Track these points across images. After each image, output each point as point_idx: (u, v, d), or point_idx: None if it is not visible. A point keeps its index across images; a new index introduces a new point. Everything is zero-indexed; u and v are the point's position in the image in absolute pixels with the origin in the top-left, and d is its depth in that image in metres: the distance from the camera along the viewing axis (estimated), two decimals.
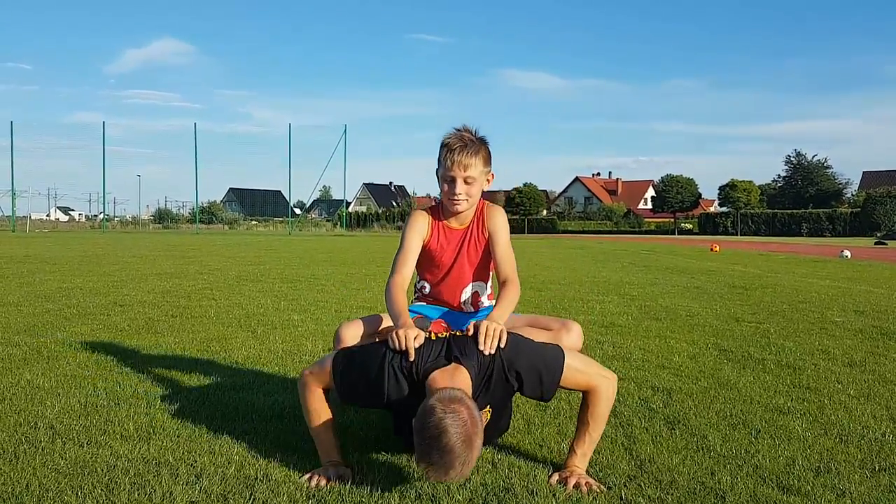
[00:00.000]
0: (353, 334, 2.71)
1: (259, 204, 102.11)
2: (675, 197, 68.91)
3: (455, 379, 2.23)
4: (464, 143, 2.67)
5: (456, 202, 2.72)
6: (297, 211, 73.34)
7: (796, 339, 5.15)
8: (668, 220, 74.29)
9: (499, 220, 2.82)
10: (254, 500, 2.13)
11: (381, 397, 2.34)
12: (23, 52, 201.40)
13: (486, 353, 2.30)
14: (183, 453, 2.53)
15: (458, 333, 2.41)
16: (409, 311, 2.72)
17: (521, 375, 2.34)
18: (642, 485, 2.31)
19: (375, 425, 2.92)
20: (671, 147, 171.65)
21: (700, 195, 71.45)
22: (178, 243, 24.22)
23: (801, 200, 72.30)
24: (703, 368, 4.11)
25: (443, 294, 2.89)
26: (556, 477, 2.36)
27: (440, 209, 2.85)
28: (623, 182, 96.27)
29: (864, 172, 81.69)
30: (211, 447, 2.60)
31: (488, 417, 2.48)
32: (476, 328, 2.35)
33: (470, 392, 2.24)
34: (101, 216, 59.31)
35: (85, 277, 9.46)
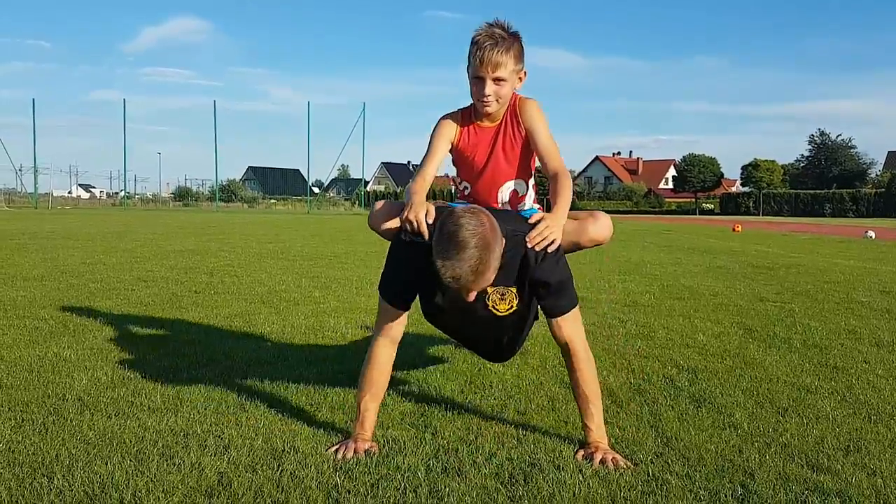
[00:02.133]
0: (388, 223, 2.66)
1: (278, 182, 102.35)
2: (697, 177, 68.33)
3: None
4: (494, 40, 2.50)
5: (486, 103, 2.58)
6: (316, 190, 73.49)
7: (822, 319, 5.09)
8: (689, 200, 73.71)
9: (535, 113, 2.66)
10: (282, 471, 2.14)
11: (408, 273, 2.41)
12: (42, 30, 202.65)
13: (531, 246, 2.31)
14: (210, 425, 2.54)
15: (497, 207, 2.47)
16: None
17: (548, 283, 2.38)
18: (669, 461, 2.30)
19: (401, 401, 2.93)
20: (693, 126, 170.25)
21: (722, 175, 70.83)
22: (198, 221, 24.38)
23: (825, 181, 71.44)
24: (727, 347, 4.08)
25: (480, 194, 2.76)
26: (581, 453, 2.35)
27: (471, 110, 2.72)
28: (644, 161, 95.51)
29: (888, 153, 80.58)
30: (238, 419, 2.61)
31: (514, 300, 2.47)
32: (534, 222, 2.36)
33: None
34: (123, 193, 59.79)
35: (108, 253, 9.54)
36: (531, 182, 2.83)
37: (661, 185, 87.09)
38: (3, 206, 41.56)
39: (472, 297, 2.24)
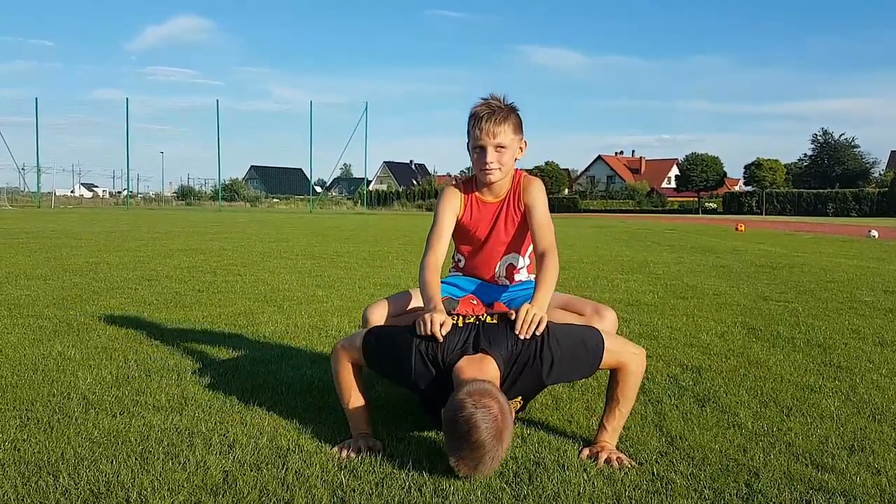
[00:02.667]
0: (380, 316, 2.69)
1: (280, 181, 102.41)
2: (700, 176, 68.24)
3: (483, 369, 2.22)
4: (492, 111, 2.58)
5: (488, 171, 2.62)
6: (318, 189, 73.49)
7: (826, 319, 5.09)
8: (692, 199, 73.64)
9: (536, 191, 2.72)
10: (287, 470, 2.14)
11: (408, 380, 2.35)
12: (44, 29, 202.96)
13: (522, 337, 2.28)
14: (215, 424, 2.55)
15: (489, 320, 2.38)
16: (443, 282, 2.70)
17: (553, 364, 2.30)
18: (674, 461, 2.30)
19: (404, 399, 2.93)
20: (695, 125, 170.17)
21: (725, 174, 70.71)
22: (201, 220, 24.40)
23: (828, 180, 71.40)
24: (731, 347, 4.08)
25: (477, 268, 2.84)
26: (586, 452, 2.35)
27: (473, 182, 2.77)
28: (646, 161, 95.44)
29: (892, 152, 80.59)
30: (243, 418, 2.62)
31: (518, 407, 2.48)
32: (516, 313, 2.32)
33: (498, 383, 2.23)
34: (125, 193, 59.79)
35: (111, 252, 9.55)
36: (528, 253, 2.86)
37: (664, 185, 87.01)
38: (6, 205, 41.62)
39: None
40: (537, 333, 2.30)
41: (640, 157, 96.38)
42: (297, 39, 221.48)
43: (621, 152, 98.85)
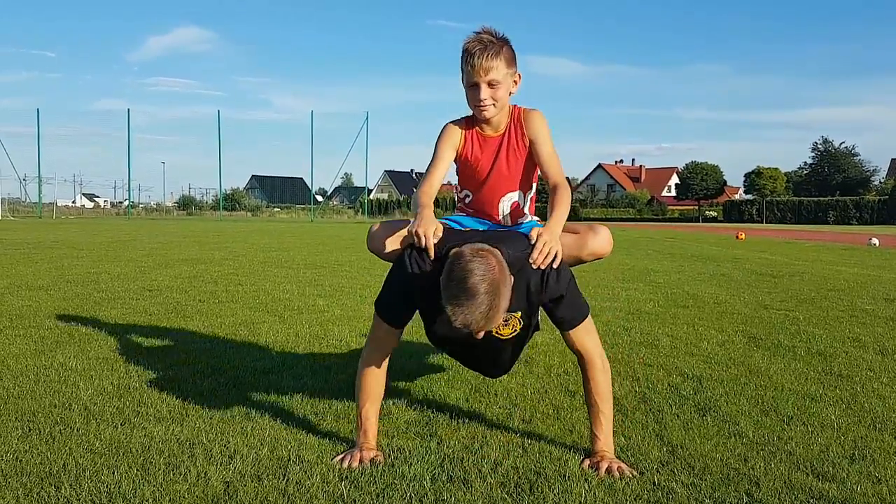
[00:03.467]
0: (382, 233, 2.68)
1: (281, 191, 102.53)
2: (700, 184, 68.35)
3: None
4: (483, 45, 2.51)
5: (482, 107, 2.57)
6: (319, 198, 73.55)
7: (826, 327, 5.09)
8: (692, 207, 73.70)
9: (539, 124, 2.66)
10: (287, 480, 2.15)
11: (410, 296, 2.40)
12: (46, 40, 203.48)
13: (535, 267, 2.30)
14: (216, 434, 2.55)
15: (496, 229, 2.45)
16: (448, 219, 2.69)
17: (557, 298, 2.38)
18: (675, 470, 2.30)
19: (406, 409, 2.93)
20: (695, 133, 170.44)
21: (725, 182, 70.82)
22: (202, 230, 24.42)
23: (828, 188, 71.45)
24: (732, 356, 4.08)
25: (481, 204, 2.76)
26: (587, 462, 2.35)
27: (473, 119, 2.71)
28: (646, 169, 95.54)
29: (892, 160, 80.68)
30: (243, 429, 2.62)
31: (518, 325, 2.48)
32: (532, 239, 2.34)
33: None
34: (127, 203, 59.87)
35: (112, 263, 9.56)
36: (531, 193, 2.83)
37: (664, 193, 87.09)
38: (7, 215, 41.67)
39: (480, 335, 2.24)
40: (554, 265, 2.34)
41: (641, 166, 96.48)
42: (298, 49, 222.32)
43: (621, 161, 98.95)
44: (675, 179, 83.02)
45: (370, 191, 75.77)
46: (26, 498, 2.00)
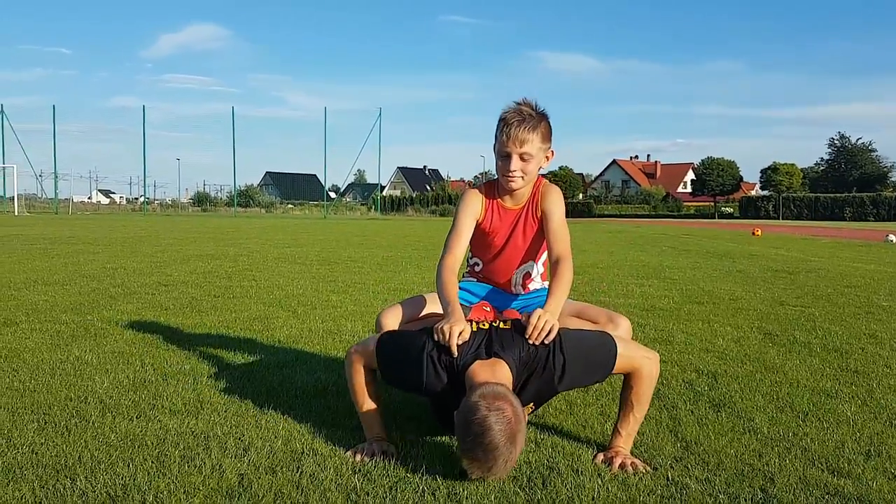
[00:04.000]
0: (393, 321, 2.69)
1: (295, 187, 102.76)
2: (716, 180, 67.92)
3: (495, 373, 2.22)
4: (522, 118, 2.54)
5: (511, 179, 2.61)
6: (332, 195, 73.76)
7: (843, 323, 5.05)
8: (708, 203, 73.29)
9: (554, 198, 2.70)
10: (301, 473, 2.16)
11: (419, 386, 2.35)
12: (61, 37, 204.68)
13: (532, 342, 2.28)
14: (230, 427, 2.56)
15: (501, 326, 2.38)
16: (458, 287, 2.70)
17: (566, 371, 2.30)
18: (689, 466, 2.29)
19: (418, 403, 2.93)
20: (711, 130, 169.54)
21: (741, 178, 70.36)
22: (217, 226, 24.54)
23: (845, 184, 70.93)
24: (747, 352, 4.06)
25: (494, 274, 2.84)
26: (600, 457, 2.35)
27: (496, 186, 2.76)
28: (662, 165, 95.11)
29: None
30: (258, 422, 2.63)
31: (530, 412, 2.48)
32: (528, 318, 2.32)
33: (511, 387, 2.23)
34: (142, 199, 60.23)
35: (128, 258, 9.63)
36: (541, 261, 2.87)
37: (680, 189, 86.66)
38: (23, 211, 42.03)
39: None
40: (546, 341, 2.29)
41: (656, 162, 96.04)
42: (311, 47, 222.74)
43: (636, 157, 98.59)
44: (690, 175, 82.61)
45: (383, 187, 75.80)
46: (42, 490, 2.01)
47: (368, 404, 2.46)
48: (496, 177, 2.76)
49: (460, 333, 2.29)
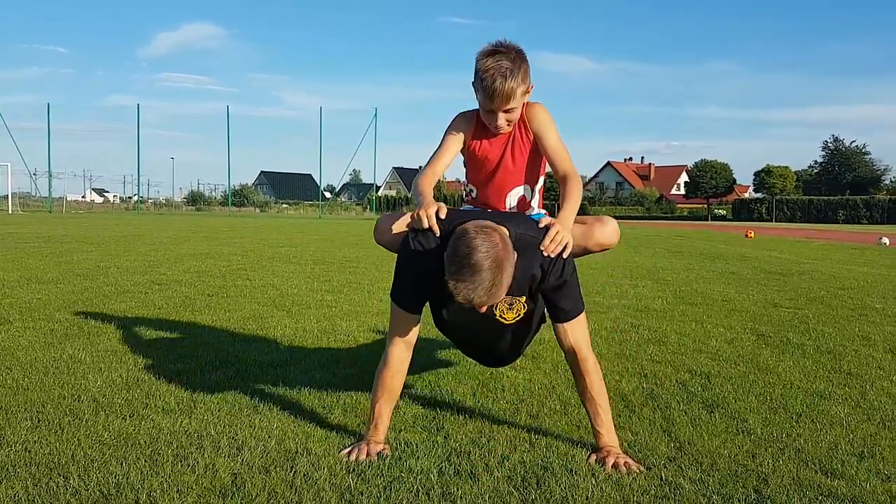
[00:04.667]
0: (387, 222, 2.69)
1: (290, 187, 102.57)
2: (709, 182, 68.13)
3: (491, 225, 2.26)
4: (502, 74, 2.45)
5: (499, 130, 2.60)
6: (328, 194, 73.64)
7: (836, 325, 5.07)
8: (701, 205, 73.48)
9: (542, 117, 2.65)
10: (295, 472, 2.15)
11: (420, 277, 2.40)
12: (57, 36, 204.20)
13: (546, 254, 2.31)
14: (224, 427, 2.56)
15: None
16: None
17: (558, 286, 2.37)
18: (682, 466, 2.29)
19: (414, 403, 2.93)
20: (705, 132, 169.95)
21: (734, 180, 70.56)
22: (211, 225, 24.49)
23: (838, 187, 71.18)
24: (741, 353, 4.07)
25: (489, 198, 2.76)
26: (594, 457, 2.35)
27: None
28: (656, 167, 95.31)
29: None
30: (251, 421, 2.63)
31: (522, 309, 2.48)
32: (546, 228, 2.34)
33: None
34: (136, 198, 60.04)
35: (122, 257, 9.60)
36: (538, 186, 2.83)
37: (673, 191, 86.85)
38: (17, 210, 41.88)
39: (482, 309, 2.25)
40: (564, 255, 2.34)
41: (650, 164, 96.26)
42: (308, 46, 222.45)
43: (630, 158, 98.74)
44: (684, 177, 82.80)
45: (378, 187, 75.81)
46: (35, 488, 2.01)
47: (384, 403, 2.46)
48: None
49: (437, 210, 2.34)
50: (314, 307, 5.49)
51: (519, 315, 2.49)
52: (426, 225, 2.35)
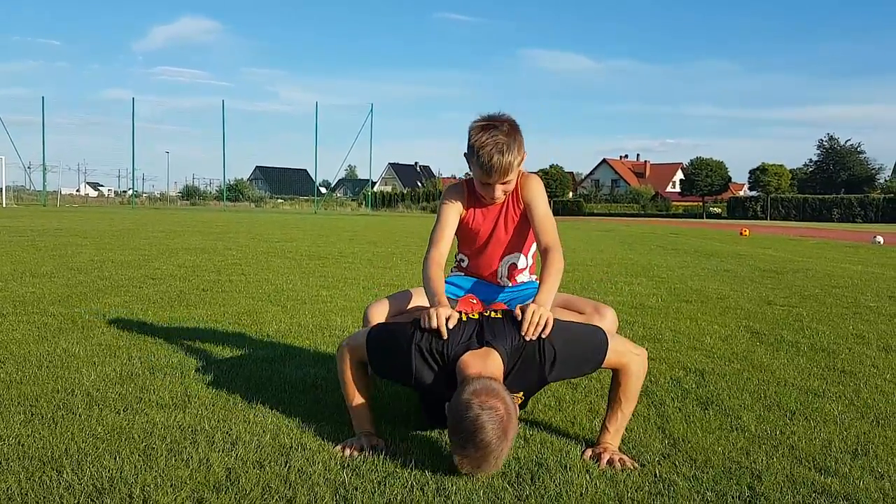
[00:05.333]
0: (381, 314, 2.68)
1: (285, 182, 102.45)
2: (705, 180, 68.19)
3: (487, 364, 2.22)
4: (499, 150, 2.47)
5: (495, 201, 2.68)
6: (323, 190, 73.52)
7: (830, 323, 5.08)
8: (696, 203, 73.57)
9: (534, 189, 2.70)
10: (289, 468, 2.15)
11: (409, 376, 2.34)
12: (51, 29, 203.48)
13: (528, 338, 2.27)
14: (218, 421, 2.55)
15: (492, 315, 2.38)
16: (445, 281, 2.70)
17: (556, 361, 2.30)
18: (676, 463, 2.30)
19: (408, 398, 2.93)
20: (701, 130, 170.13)
21: (730, 179, 70.65)
22: (206, 220, 24.44)
23: (833, 185, 71.36)
24: (735, 350, 4.07)
25: (480, 267, 2.84)
26: (588, 453, 2.35)
27: (475, 185, 2.74)
28: (651, 165, 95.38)
29: None
30: (246, 416, 2.62)
31: (519, 402, 2.48)
32: (522, 312, 2.31)
33: (502, 378, 2.23)
34: (131, 192, 59.93)
35: (116, 251, 9.57)
36: (531, 252, 2.86)
37: (669, 189, 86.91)
38: (11, 203, 41.74)
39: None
40: (544, 335, 2.28)
41: (645, 162, 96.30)
42: (304, 41, 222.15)
43: (626, 156, 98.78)
44: (679, 175, 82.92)
45: (374, 183, 75.69)
46: (28, 482, 2.00)
47: (358, 399, 2.45)
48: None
49: (448, 318, 2.29)
50: (309, 302, 5.48)
51: (518, 406, 2.46)
52: (435, 325, 2.28)
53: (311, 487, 2.02)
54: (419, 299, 2.73)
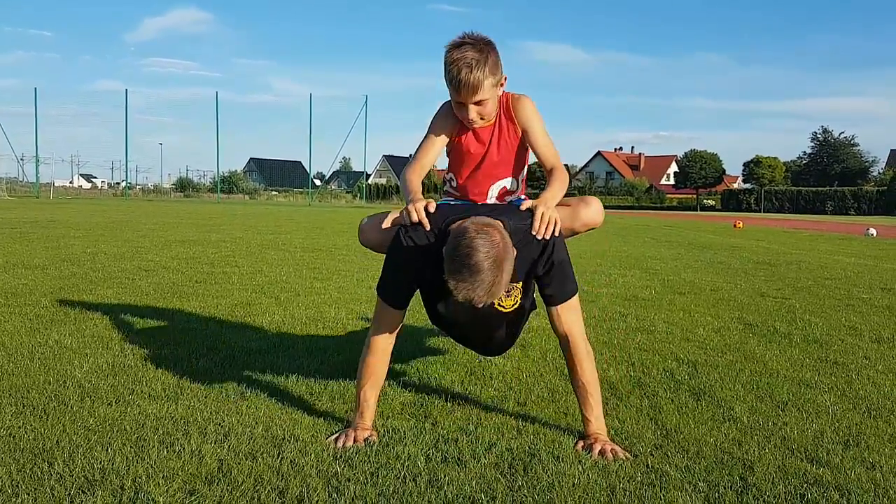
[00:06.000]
0: (372, 222, 2.68)
1: (279, 174, 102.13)
2: (699, 173, 68.31)
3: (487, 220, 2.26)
4: (468, 65, 2.40)
5: (471, 124, 2.57)
6: (318, 182, 73.38)
7: (822, 315, 5.09)
8: (690, 196, 73.69)
9: (529, 112, 2.62)
10: (282, 459, 2.15)
11: (409, 274, 2.41)
12: (43, 20, 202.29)
13: (539, 238, 2.32)
14: (211, 413, 2.55)
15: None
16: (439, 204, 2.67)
17: (552, 268, 2.39)
18: (668, 454, 2.30)
19: (402, 390, 2.93)
20: (695, 122, 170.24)
21: (724, 171, 70.76)
22: (199, 212, 24.37)
23: (827, 178, 71.51)
24: (728, 342, 4.08)
25: (470, 190, 2.73)
26: (581, 444, 2.36)
27: None
28: (646, 157, 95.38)
29: (891, 150, 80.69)
30: (238, 408, 2.62)
31: (519, 294, 2.49)
32: (532, 210, 2.34)
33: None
34: (124, 184, 59.64)
35: (109, 243, 9.54)
36: (522, 176, 2.81)
37: (663, 181, 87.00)
38: (4, 195, 41.56)
39: (480, 305, 2.24)
40: (556, 234, 2.36)
41: (640, 154, 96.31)
42: (298, 32, 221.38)
43: (620, 148, 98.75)
44: (673, 168, 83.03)
45: (368, 175, 75.60)
46: (19, 473, 1.99)
47: (369, 389, 2.45)
48: None
49: (426, 206, 2.34)
50: (303, 294, 5.47)
51: (516, 303, 2.49)
52: (416, 219, 2.35)
53: (304, 479, 2.02)
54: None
